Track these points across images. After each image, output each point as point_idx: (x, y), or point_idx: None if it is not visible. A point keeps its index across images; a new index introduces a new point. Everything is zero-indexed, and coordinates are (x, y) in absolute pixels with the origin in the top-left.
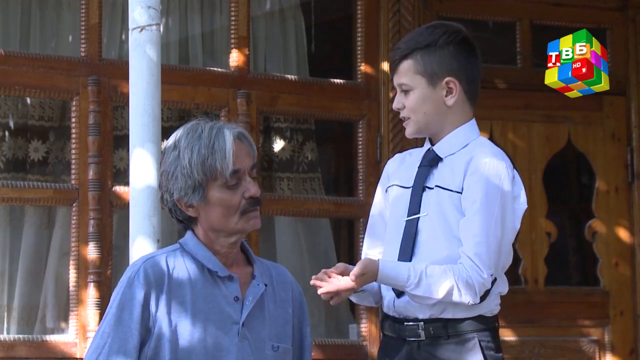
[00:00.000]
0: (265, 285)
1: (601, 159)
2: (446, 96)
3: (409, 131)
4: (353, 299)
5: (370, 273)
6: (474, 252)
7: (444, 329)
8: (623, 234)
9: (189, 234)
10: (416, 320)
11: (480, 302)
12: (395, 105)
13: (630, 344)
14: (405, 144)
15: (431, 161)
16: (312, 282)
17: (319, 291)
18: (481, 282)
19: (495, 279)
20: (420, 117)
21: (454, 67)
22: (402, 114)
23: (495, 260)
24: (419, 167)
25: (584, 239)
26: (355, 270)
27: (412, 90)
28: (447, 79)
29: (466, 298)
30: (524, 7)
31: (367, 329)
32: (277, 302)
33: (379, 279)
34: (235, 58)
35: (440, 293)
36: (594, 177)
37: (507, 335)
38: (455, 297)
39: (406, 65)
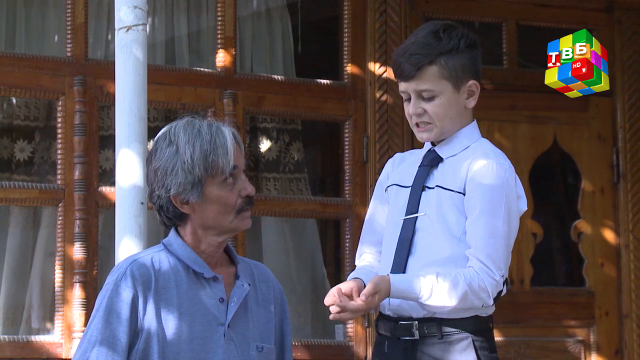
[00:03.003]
0: (249, 285)
1: (587, 159)
2: (467, 99)
3: (429, 137)
4: None
5: (383, 290)
6: (484, 254)
7: (438, 329)
8: (608, 234)
9: (172, 234)
10: (410, 319)
11: (493, 304)
12: (414, 111)
13: (616, 344)
14: (391, 145)
15: (432, 161)
16: (327, 302)
17: (331, 316)
18: (494, 284)
19: (506, 280)
20: (446, 122)
21: (473, 69)
22: (420, 119)
23: (505, 260)
24: (419, 167)
25: (570, 240)
26: (367, 290)
27: (437, 96)
28: (470, 82)
29: (480, 302)
30: (509, 8)
31: (353, 330)
32: (260, 301)
33: (392, 295)
34: (221, 58)
35: (454, 301)
36: (580, 177)
37: None
38: (470, 302)
39: (432, 70)
